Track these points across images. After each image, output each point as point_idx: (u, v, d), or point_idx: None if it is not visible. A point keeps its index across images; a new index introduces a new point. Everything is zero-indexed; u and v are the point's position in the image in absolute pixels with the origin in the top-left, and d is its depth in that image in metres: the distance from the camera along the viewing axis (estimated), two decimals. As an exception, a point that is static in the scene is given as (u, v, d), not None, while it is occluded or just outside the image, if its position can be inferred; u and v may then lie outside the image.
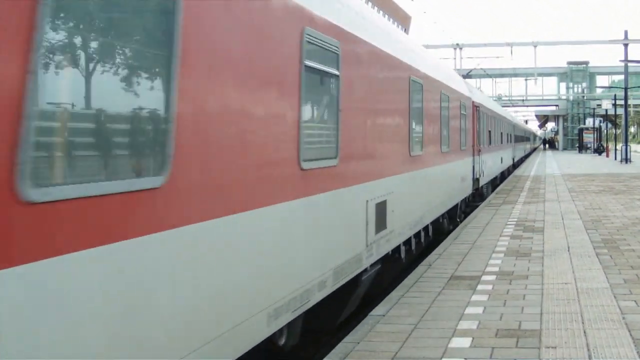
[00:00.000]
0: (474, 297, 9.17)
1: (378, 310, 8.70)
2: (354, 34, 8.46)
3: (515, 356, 6.78)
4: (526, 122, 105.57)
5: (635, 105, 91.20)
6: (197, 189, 4.73)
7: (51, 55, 3.51)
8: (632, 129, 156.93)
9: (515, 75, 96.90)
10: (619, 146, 64.99)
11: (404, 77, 11.40)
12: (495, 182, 32.10)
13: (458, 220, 19.18)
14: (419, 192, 12.81)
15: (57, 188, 3.51)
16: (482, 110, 25.06)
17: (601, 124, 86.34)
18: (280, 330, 6.73)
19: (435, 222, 15.11)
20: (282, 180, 6.20)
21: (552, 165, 51.87)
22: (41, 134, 3.42)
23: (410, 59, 12.00)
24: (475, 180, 22.68)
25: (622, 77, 73.44)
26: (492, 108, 30.56)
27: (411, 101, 11.86)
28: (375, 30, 9.66)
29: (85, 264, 3.66)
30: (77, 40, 3.77)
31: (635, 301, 8.81)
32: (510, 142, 43.11)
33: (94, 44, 3.89)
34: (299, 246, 6.75)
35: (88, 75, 3.81)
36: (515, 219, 17.76)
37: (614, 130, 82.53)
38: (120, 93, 4.09)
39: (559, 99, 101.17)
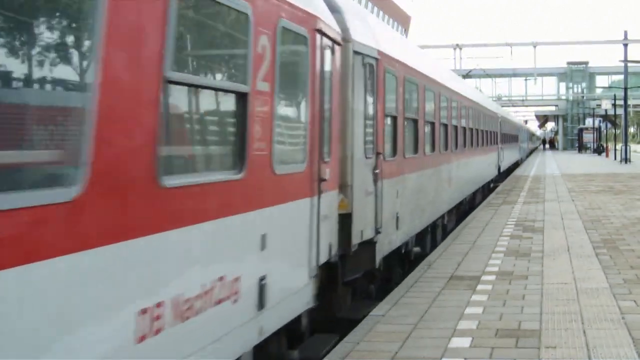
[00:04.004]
0: (474, 297, 9.18)
1: (378, 310, 8.70)
2: None
3: (515, 356, 6.79)
4: (526, 122, 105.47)
5: (634, 106, 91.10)
6: None
7: None
8: (631, 129, 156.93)
9: (515, 75, 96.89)
10: (618, 146, 65.00)
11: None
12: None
13: None
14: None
15: None
16: None
17: (601, 124, 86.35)
18: None
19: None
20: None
21: (551, 165, 51.87)
22: None
23: None
24: None
25: (621, 77, 73.40)
26: None
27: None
28: None
29: None
30: None
31: (634, 301, 8.83)
32: (478, 144, 24.07)
33: None
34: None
35: None
36: (515, 219, 17.76)
37: (613, 131, 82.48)
38: None
39: (559, 99, 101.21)
